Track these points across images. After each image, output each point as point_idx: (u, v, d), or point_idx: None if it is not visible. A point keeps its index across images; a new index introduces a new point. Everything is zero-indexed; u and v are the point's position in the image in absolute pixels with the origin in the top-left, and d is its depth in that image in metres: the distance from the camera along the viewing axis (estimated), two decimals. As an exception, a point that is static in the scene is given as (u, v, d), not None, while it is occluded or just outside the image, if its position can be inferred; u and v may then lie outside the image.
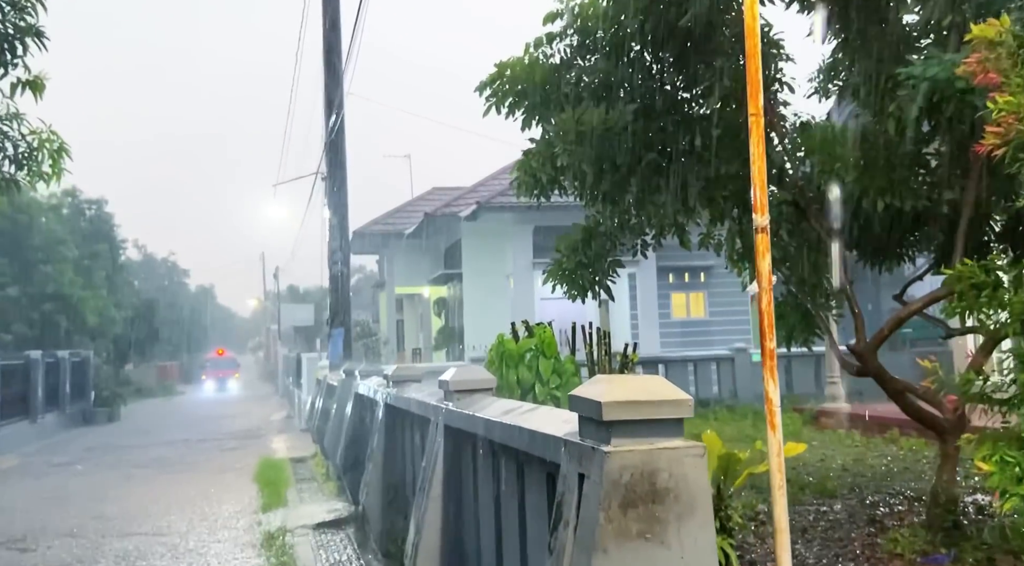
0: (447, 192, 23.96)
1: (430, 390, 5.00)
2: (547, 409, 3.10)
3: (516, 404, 3.49)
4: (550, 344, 5.02)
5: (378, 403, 6.49)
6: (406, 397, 5.33)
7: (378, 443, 6.11)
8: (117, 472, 12.55)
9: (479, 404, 3.86)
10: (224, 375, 47.42)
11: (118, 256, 37.88)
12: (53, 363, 20.18)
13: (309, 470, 11.95)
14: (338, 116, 11.33)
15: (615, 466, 2.18)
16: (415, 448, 5.33)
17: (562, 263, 6.96)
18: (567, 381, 4.77)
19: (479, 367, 4.14)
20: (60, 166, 9.43)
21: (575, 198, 7.38)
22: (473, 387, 4.18)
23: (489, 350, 5.14)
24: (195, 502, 9.70)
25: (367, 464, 6.35)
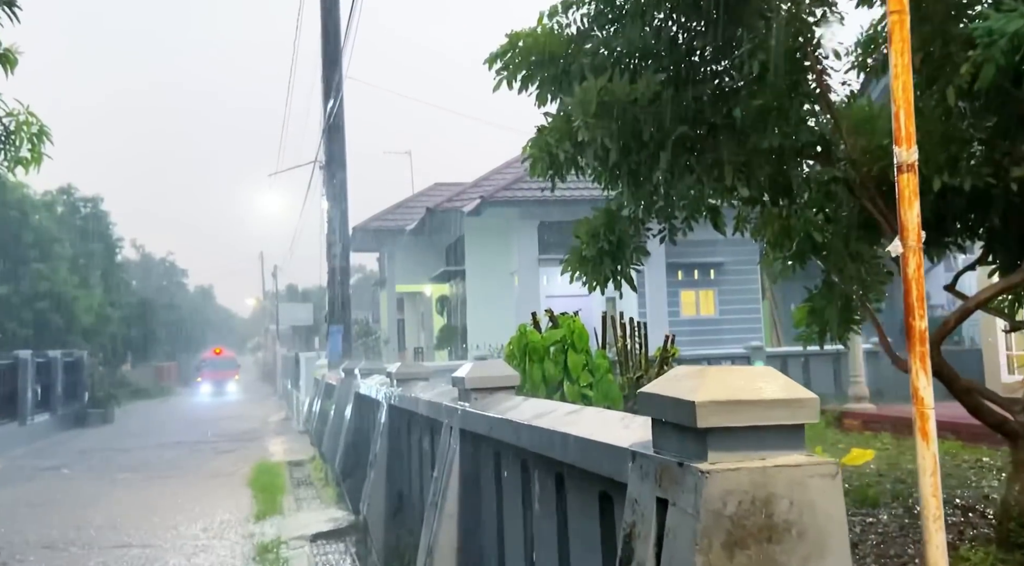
0: (450, 187, 23.36)
1: (440, 389, 4.40)
2: (595, 411, 2.49)
3: (552, 404, 2.88)
4: (581, 336, 4.40)
5: (380, 404, 5.88)
6: (413, 397, 4.73)
7: (381, 448, 5.51)
8: (105, 477, 11.95)
9: (503, 404, 3.25)
10: (222, 377, 42.36)
11: (114, 254, 37.33)
12: (44, 363, 19.56)
13: (307, 474, 11.35)
14: (336, 99, 10.72)
15: (716, 491, 1.57)
16: (423, 454, 4.73)
17: (581, 250, 6.34)
18: (600, 379, 4.18)
19: (500, 362, 3.54)
20: (40, 150, 8.83)
21: (593, 180, 6.78)
22: (494, 385, 3.58)
23: (507, 344, 4.53)
24: (185, 510, 9.10)
25: (369, 471, 5.75)
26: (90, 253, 32.80)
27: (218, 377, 42.10)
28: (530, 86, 6.86)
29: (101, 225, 36.46)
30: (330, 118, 10.94)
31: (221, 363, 44.35)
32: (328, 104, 10.92)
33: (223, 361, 44.85)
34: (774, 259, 6.88)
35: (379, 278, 31.87)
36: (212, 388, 40.74)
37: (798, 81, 5.53)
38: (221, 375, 42.46)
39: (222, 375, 42.52)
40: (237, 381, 43.54)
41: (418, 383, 5.30)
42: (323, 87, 11.13)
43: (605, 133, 5.91)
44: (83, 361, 23.45)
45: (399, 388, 5.39)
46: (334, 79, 10.74)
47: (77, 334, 27.95)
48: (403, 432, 5.31)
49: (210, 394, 39.02)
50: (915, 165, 2.50)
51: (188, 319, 65.22)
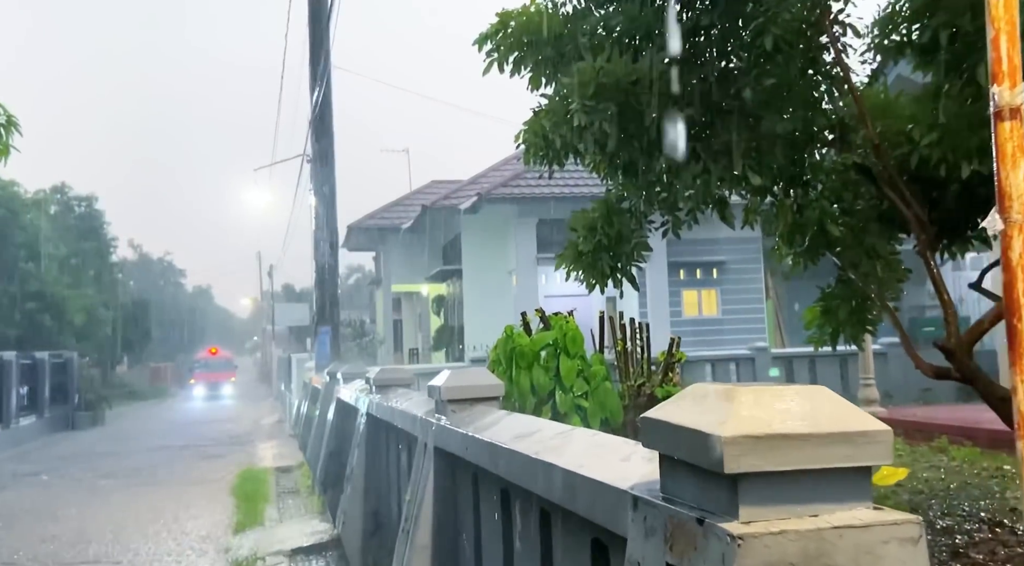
0: (447, 185, 22.90)
1: (418, 399, 3.93)
2: (588, 434, 2.02)
3: (539, 423, 2.41)
4: (575, 339, 3.91)
5: (359, 412, 5.41)
6: (390, 406, 4.26)
7: (358, 461, 5.04)
8: (84, 484, 11.48)
9: (483, 420, 2.78)
10: (217, 379, 38.86)
11: (108, 254, 36.88)
12: (30, 365, 19.09)
13: (294, 481, 10.88)
14: (322, 86, 10.23)
15: (756, 561, 1.10)
16: (401, 471, 4.26)
17: (577, 246, 5.88)
18: (596, 387, 3.71)
19: (482, 370, 3.07)
20: (7, 143, 8.36)
21: (591, 169, 6.32)
22: (474, 395, 3.11)
23: (493, 347, 4.05)
24: (162, 521, 8.63)
25: (345, 485, 5.28)
26: (83, 252, 32.34)
27: (212, 379, 38.68)
28: (523, 69, 6.41)
29: (95, 224, 36.01)
30: (316, 106, 10.46)
31: (216, 364, 40.70)
32: (314, 92, 10.43)
33: (218, 362, 41.08)
34: (784, 255, 6.43)
35: (375, 277, 31.41)
36: (205, 391, 37.48)
37: (815, 59, 5.07)
38: (215, 377, 38.91)
39: (216, 377, 38.93)
40: (233, 383, 39.79)
41: (398, 390, 4.84)
42: (310, 74, 10.65)
43: (603, 117, 5.45)
44: (72, 362, 22.97)
45: (378, 395, 4.92)
46: (320, 64, 10.24)
47: (69, 335, 27.48)
48: (381, 444, 4.84)
49: (203, 397, 35.80)
50: (1021, 111, 2.00)
51: (186, 319, 64.81)
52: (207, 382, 38.12)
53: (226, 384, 38.66)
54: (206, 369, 39.79)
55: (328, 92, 10.42)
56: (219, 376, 38.99)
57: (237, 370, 44.18)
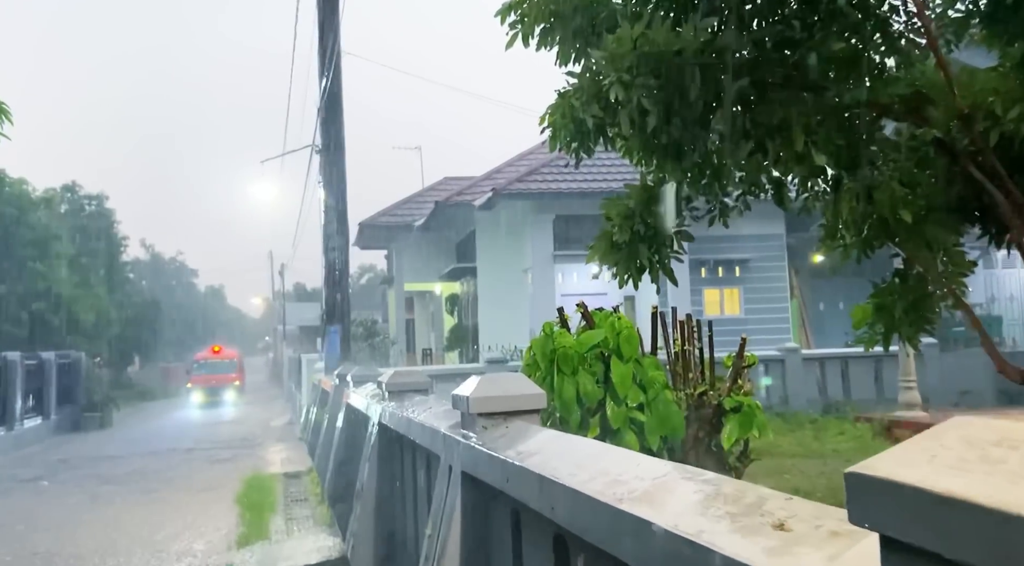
0: (460, 181, 22.34)
1: (439, 409, 3.36)
2: (688, 472, 1.43)
3: (599, 449, 1.84)
4: (630, 339, 3.29)
5: (370, 420, 4.85)
6: (406, 416, 3.69)
7: (369, 475, 4.47)
8: (85, 491, 10.98)
9: (525, 441, 2.21)
10: (219, 382, 31.87)
11: (118, 253, 36.54)
12: (36, 365, 18.66)
13: (303, 489, 10.34)
14: (331, 68, 9.66)
15: None
16: (419, 491, 3.70)
17: (612, 235, 5.29)
18: (655, 398, 3.11)
19: (518, 377, 2.50)
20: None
21: (623, 153, 5.73)
22: (511, 408, 2.54)
23: (527, 349, 3.47)
24: (162, 533, 8.11)
25: (355, 502, 4.72)
26: (93, 252, 32.01)
27: (213, 383, 31.77)
28: (550, 42, 5.85)
29: (105, 223, 35.70)
30: (325, 91, 9.89)
31: (218, 365, 33.35)
32: (323, 77, 9.88)
33: (221, 362, 33.66)
34: (831, 247, 5.83)
35: (386, 276, 30.89)
36: (204, 397, 30.83)
37: (887, 20, 4.47)
38: (217, 380, 31.99)
39: (219, 380, 32.04)
40: (238, 388, 32.77)
41: (414, 397, 4.27)
42: (319, 58, 10.10)
43: (643, 91, 4.86)
44: (80, 363, 22.57)
45: (391, 402, 4.36)
46: (329, 47, 9.68)
47: (78, 335, 27.11)
48: (395, 459, 4.27)
49: (201, 405, 29.66)
50: None
51: (198, 319, 64.65)
52: (206, 387, 31.41)
53: (229, 389, 31.82)
54: (206, 370, 32.65)
55: (338, 77, 9.87)
56: (221, 379, 32.16)
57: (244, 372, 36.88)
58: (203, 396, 30.68)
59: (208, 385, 31.38)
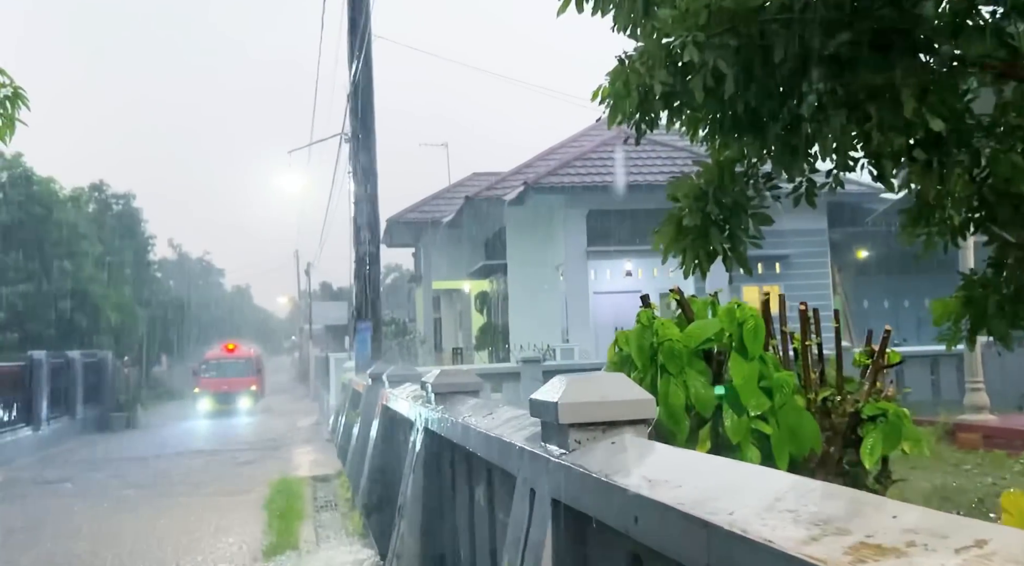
0: (489, 177, 21.81)
1: (506, 414, 2.81)
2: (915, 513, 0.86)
3: (769, 477, 1.27)
4: (756, 331, 2.65)
5: (413, 425, 4.32)
6: (461, 423, 3.15)
7: (414, 489, 3.94)
8: (108, 494, 10.60)
9: (646, 463, 1.65)
10: (232, 387, 26.38)
11: (146, 252, 36.53)
12: (62, 364, 18.43)
13: (332, 493, 9.87)
14: (361, 52, 9.15)
15: None
16: (476, 509, 3.16)
17: (680, 219, 4.72)
18: (782, 404, 2.51)
19: (619, 379, 1.93)
20: (13, 117, 7.45)
21: (684, 130, 5.15)
22: (613, 417, 2.01)
23: (612, 346, 2.87)
24: (186, 541, 7.66)
25: (397, 518, 4.18)
26: (120, 251, 31.96)
27: (225, 388, 26.22)
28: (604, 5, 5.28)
29: (133, 222, 35.70)
30: (355, 76, 9.37)
31: (231, 366, 27.67)
32: (353, 60, 9.37)
33: (235, 363, 28.05)
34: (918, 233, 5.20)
35: (414, 274, 30.46)
36: (214, 404, 25.63)
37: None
38: (230, 384, 26.36)
39: (231, 384, 26.40)
40: (255, 394, 27.33)
41: (467, 400, 3.72)
42: (348, 43, 9.59)
43: (719, 53, 4.28)
44: (107, 362, 22.38)
45: (439, 405, 3.82)
46: (360, 28, 9.16)
47: (105, 334, 26.98)
48: (447, 469, 3.73)
49: (210, 414, 24.97)
50: None
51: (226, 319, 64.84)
52: (216, 393, 26.02)
53: (243, 395, 26.30)
54: (216, 373, 27.14)
55: (369, 59, 9.35)
56: (234, 384, 26.52)
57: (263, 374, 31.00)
58: (212, 403, 25.65)
59: (219, 390, 26.03)
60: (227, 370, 27.24)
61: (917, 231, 5.21)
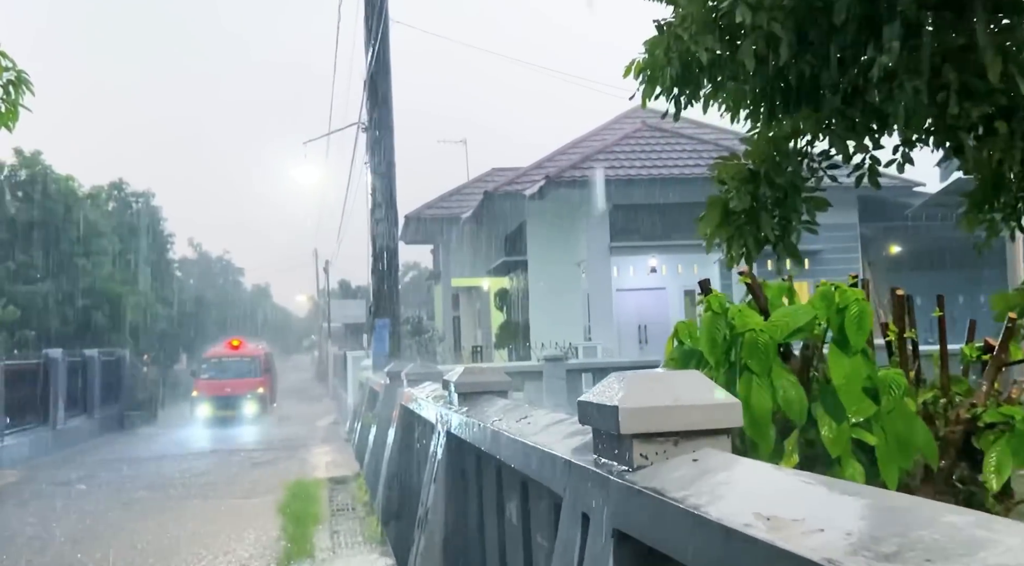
0: (508, 172, 21.39)
1: (546, 417, 2.41)
2: None
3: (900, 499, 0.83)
4: (861, 319, 2.18)
5: (434, 429, 3.93)
6: (490, 427, 2.75)
7: (435, 500, 3.55)
8: (121, 496, 10.32)
9: (747, 493, 1.22)
10: (234, 390, 21.99)
11: (165, 250, 36.47)
12: (79, 363, 18.25)
13: (350, 495, 9.52)
14: (379, 34, 8.79)
15: None
16: (507, 526, 2.76)
17: (727, 203, 4.29)
18: (890, 409, 2.07)
19: (693, 377, 1.49)
20: (17, 102, 7.17)
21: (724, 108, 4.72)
22: (688, 426, 1.59)
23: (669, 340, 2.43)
24: (196, 549, 7.33)
25: (416, 532, 3.79)
26: (139, 249, 31.89)
27: (227, 390, 21.89)
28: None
29: (152, 221, 35.63)
30: (372, 59, 8.98)
31: (234, 365, 23.23)
32: (370, 46, 9.01)
33: (239, 362, 23.60)
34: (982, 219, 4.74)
35: (433, 271, 30.13)
36: (213, 410, 21.56)
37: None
38: (232, 387, 22.02)
39: (234, 387, 22.04)
40: (261, 397, 22.72)
41: (495, 401, 3.32)
42: (365, 24, 9.23)
43: (774, 15, 3.85)
44: (124, 360, 22.23)
45: (463, 406, 3.43)
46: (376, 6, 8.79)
47: (124, 332, 26.88)
48: (472, 479, 3.33)
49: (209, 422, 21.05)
50: None
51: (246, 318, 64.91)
52: (216, 398, 21.79)
53: (247, 400, 21.99)
54: (216, 374, 22.87)
55: (386, 45, 8.99)
56: (237, 386, 22.14)
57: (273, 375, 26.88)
58: (210, 409, 21.52)
59: (220, 394, 21.77)
60: (229, 370, 22.85)
61: (981, 216, 4.75)
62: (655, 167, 17.45)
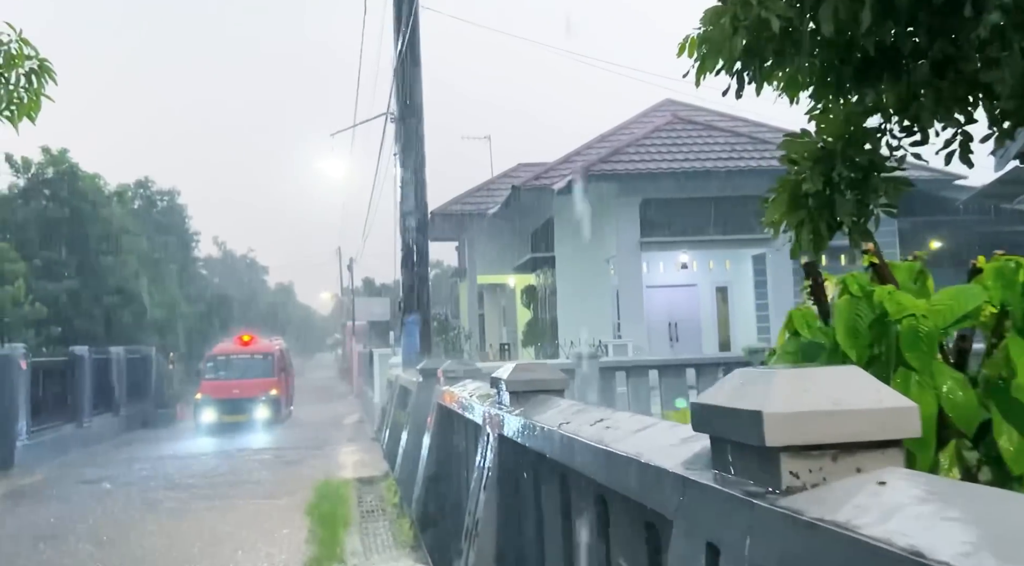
0: (535, 168, 21.03)
1: (633, 422, 2.06)
2: None
3: None
4: None
5: (481, 432, 3.60)
6: (559, 432, 2.42)
7: (486, 510, 3.22)
8: (145, 496, 10.13)
9: (969, 531, 0.85)
10: (243, 392, 18.91)
11: (190, 248, 36.58)
12: (105, 360, 18.20)
13: (379, 496, 9.25)
14: (409, 19, 8.49)
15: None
16: (577, 546, 2.43)
17: (798, 184, 3.91)
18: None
19: (855, 373, 1.10)
20: (40, 91, 6.93)
21: (782, 88, 4.34)
22: (852, 436, 1.24)
23: (782, 331, 2.09)
24: (221, 553, 7.08)
25: (464, 544, 3.47)
26: (165, 247, 31.97)
27: (235, 392, 18.81)
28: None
29: (177, 219, 35.76)
30: (403, 42, 8.67)
31: (243, 364, 19.99)
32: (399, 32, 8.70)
33: (249, 360, 20.17)
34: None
35: (458, 268, 29.88)
36: (218, 416, 18.47)
37: None
38: (242, 388, 18.92)
39: (243, 388, 18.93)
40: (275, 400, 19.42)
41: (553, 400, 2.99)
42: (394, 10, 8.92)
43: (857, -26, 3.47)
44: (150, 358, 22.21)
45: (516, 407, 3.10)
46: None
47: (150, 330, 26.90)
48: (529, 488, 3.00)
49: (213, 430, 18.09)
50: None
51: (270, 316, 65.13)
52: (222, 401, 18.70)
53: (258, 404, 18.88)
54: (223, 373, 19.80)
55: (416, 31, 8.68)
56: (247, 388, 19.00)
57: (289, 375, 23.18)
58: (216, 415, 18.43)
59: (227, 397, 18.66)
60: (237, 369, 19.75)
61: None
62: (687, 160, 17.01)
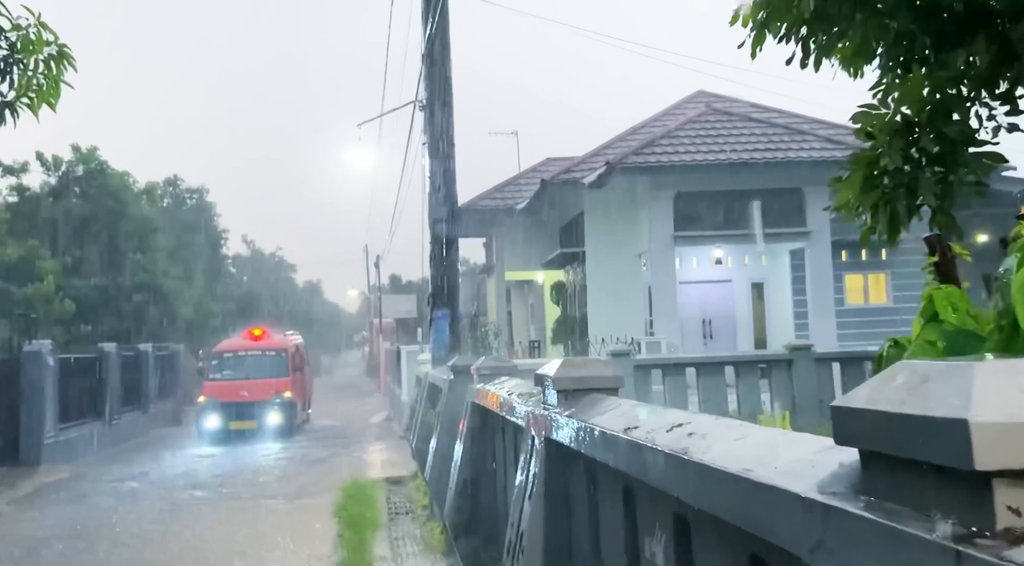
0: (563, 162, 20.63)
1: (723, 430, 1.69)
2: None
3: None
4: None
5: (526, 433, 3.25)
6: (623, 437, 2.06)
7: (532, 524, 2.88)
8: (171, 496, 9.93)
9: None
10: (251, 395, 16.25)
11: (218, 246, 36.67)
12: (133, 357, 18.13)
13: (407, 497, 8.97)
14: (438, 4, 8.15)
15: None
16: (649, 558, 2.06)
17: (876, 160, 3.52)
18: None
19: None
20: (59, 78, 6.71)
21: (850, 52, 3.94)
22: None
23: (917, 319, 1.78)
24: (246, 557, 6.81)
25: (507, 559, 3.13)
26: (193, 245, 32.04)
27: (243, 394, 16.32)
28: None
29: (206, 216, 35.84)
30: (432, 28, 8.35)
31: (252, 363, 17.41)
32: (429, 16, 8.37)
33: (259, 358, 17.55)
34: None
35: (485, 264, 29.57)
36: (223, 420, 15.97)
37: None
38: (250, 390, 16.41)
39: (252, 390, 16.41)
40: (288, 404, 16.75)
41: (607, 400, 2.64)
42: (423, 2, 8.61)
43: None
44: (179, 355, 22.18)
45: (566, 408, 2.75)
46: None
47: (179, 328, 26.94)
48: (583, 499, 2.65)
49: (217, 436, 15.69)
50: None
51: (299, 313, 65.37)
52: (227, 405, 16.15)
53: (269, 408, 16.28)
54: (230, 372, 17.27)
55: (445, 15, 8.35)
56: (255, 389, 16.47)
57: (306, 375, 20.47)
58: (220, 420, 15.97)
59: (233, 400, 16.15)
60: (246, 368, 17.15)
61: None
62: (722, 152, 16.52)
